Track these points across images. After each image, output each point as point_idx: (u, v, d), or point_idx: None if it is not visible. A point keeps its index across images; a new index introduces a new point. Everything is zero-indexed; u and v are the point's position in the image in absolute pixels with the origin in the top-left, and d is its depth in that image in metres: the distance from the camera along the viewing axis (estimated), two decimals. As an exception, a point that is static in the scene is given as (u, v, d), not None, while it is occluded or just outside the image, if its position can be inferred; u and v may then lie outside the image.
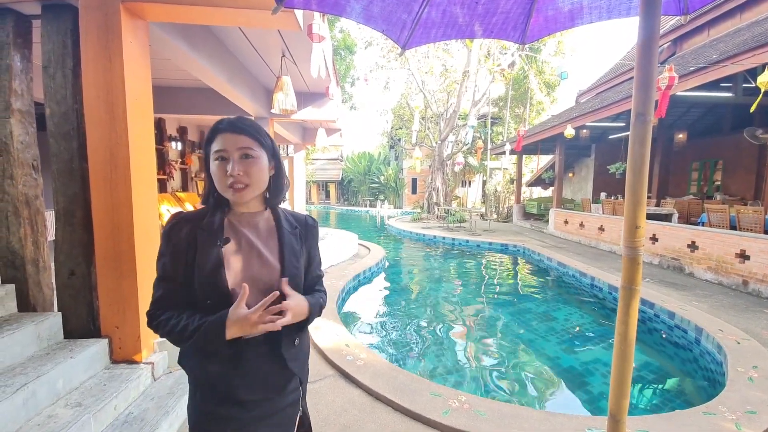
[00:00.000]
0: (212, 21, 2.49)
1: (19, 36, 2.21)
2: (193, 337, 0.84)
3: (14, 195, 2.16)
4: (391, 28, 1.42)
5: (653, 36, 0.81)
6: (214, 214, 0.93)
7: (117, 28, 2.06)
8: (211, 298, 0.88)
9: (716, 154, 10.05)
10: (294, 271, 0.96)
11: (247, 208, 0.96)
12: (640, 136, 0.81)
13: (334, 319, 3.67)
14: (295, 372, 0.96)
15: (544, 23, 1.43)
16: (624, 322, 0.85)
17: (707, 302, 4.57)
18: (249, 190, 0.91)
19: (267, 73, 4.78)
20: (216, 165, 0.89)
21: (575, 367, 3.38)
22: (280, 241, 0.97)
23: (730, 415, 2.24)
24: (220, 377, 0.89)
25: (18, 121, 2.17)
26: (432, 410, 2.16)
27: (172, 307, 0.90)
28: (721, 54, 5.90)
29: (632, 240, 0.83)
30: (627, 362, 0.87)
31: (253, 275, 0.92)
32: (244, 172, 0.88)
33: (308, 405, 2.24)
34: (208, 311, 0.87)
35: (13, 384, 1.71)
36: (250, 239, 0.94)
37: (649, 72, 0.80)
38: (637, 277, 0.84)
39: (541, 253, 7.94)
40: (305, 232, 1.05)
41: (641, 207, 0.82)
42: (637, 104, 0.81)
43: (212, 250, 0.89)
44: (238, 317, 0.83)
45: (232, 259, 0.91)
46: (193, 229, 0.90)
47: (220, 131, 0.90)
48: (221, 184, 0.89)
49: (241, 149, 0.89)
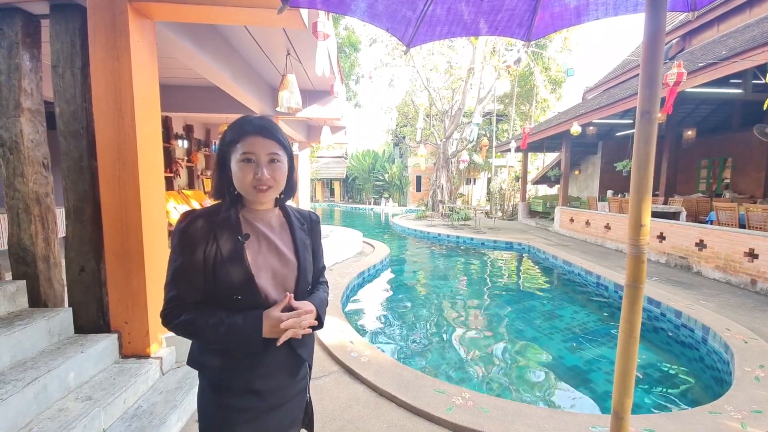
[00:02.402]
0: (218, 20, 2.50)
1: (28, 35, 2.24)
2: (227, 336, 0.86)
3: (25, 193, 2.20)
4: (396, 26, 1.42)
5: (659, 32, 0.80)
6: (229, 210, 0.95)
7: (125, 28, 2.08)
8: (238, 293, 0.89)
9: (725, 151, 9.91)
10: (307, 266, 1.01)
11: (263, 205, 0.99)
12: (645, 134, 0.81)
13: (338, 316, 3.69)
14: (305, 358, 1.00)
15: (550, 20, 1.42)
16: (628, 320, 0.85)
17: (715, 301, 4.53)
18: (272, 191, 0.95)
19: (272, 71, 4.80)
20: (242, 166, 0.91)
21: (579, 366, 3.37)
22: (293, 237, 1.01)
23: (735, 414, 2.23)
24: (239, 370, 0.91)
25: (28, 119, 2.21)
26: (436, 407, 2.18)
27: (191, 306, 0.90)
28: (731, 50, 5.81)
29: (637, 238, 0.83)
30: (631, 360, 0.87)
31: (273, 270, 0.95)
32: (270, 176, 0.92)
33: (313, 400, 2.28)
34: (233, 307, 0.89)
35: (25, 378, 1.75)
36: (266, 235, 0.97)
37: (654, 69, 0.79)
38: (642, 275, 0.84)
39: (547, 252, 7.90)
40: (310, 228, 1.10)
41: (646, 205, 0.82)
42: (642, 101, 0.81)
43: (234, 245, 0.91)
44: (275, 320, 0.87)
45: (253, 255, 0.93)
46: (209, 226, 0.91)
47: (248, 134, 0.91)
48: (245, 183, 0.91)
49: (271, 155, 0.92)
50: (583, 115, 9.13)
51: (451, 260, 8.22)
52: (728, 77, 5.82)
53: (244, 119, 0.94)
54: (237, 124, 0.94)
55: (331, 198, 31.36)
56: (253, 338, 0.87)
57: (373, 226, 15.22)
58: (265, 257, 0.95)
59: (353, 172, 27.97)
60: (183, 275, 0.90)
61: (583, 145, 13.25)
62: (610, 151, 12.72)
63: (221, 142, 0.96)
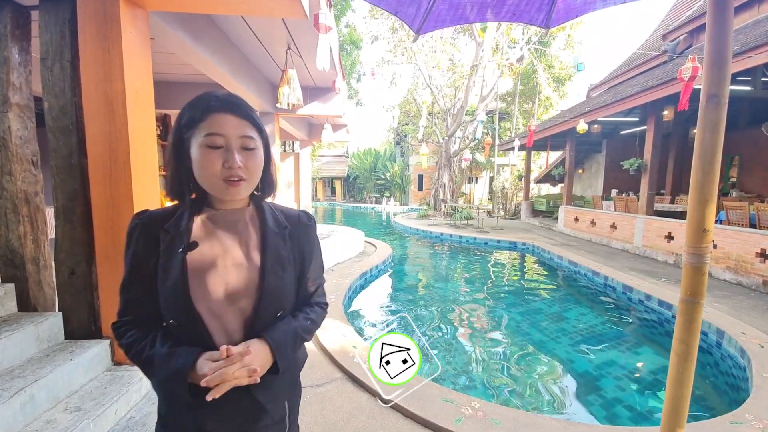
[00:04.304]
0: (214, 9, 2.39)
1: (17, 27, 2.13)
2: (156, 375, 0.72)
3: (13, 192, 2.09)
4: (405, 9, 1.30)
5: (727, 3, 0.69)
6: (183, 212, 0.77)
7: (116, 18, 1.97)
8: (175, 318, 0.72)
9: (732, 149, 9.75)
10: (276, 283, 0.78)
11: (231, 204, 0.80)
12: (712, 122, 0.69)
13: (340, 319, 3.58)
14: (265, 406, 0.78)
15: (572, 3, 1.31)
16: (683, 340, 0.72)
17: (727, 303, 4.40)
18: (246, 186, 0.76)
19: (272, 66, 4.68)
20: (205, 152, 0.71)
21: (589, 372, 3.25)
22: (262, 246, 0.79)
23: (757, 423, 2.13)
24: (186, 408, 0.75)
25: (16, 115, 2.10)
26: (444, 417, 2.06)
27: (138, 322, 0.76)
28: (743, 45, 5.66)
29: (698, 246, 0.71)
30: (686, 386, 0.74)
31: (228, 290, 0.74)
32: (244, 165, 0.73)
33: (315, 410, 2.17)
34: (175, 333, 0.73)
35: (11, 387, 1.65)
36: (225, 243, 0.77)
37: (723, 46, 0.67)
38: (702, 288, 0.72)
39: (551, 252, 7.78)
40: (298, 233, 0.86)
41: (711, 206, 0.70)
42: (708, 84, 0.69)
43: (175, 256, 0.73)
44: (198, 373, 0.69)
45: (201, 269, 0.74)
46: (156, 231, 0.75)
47: (215, 110, 0.72)
48: (210, 175, 0.72)
49: (244, 139, 0.74)
50: (589, 112, 8.99)
51: (454, 260, 8.11)
52: (736, 74, 5.67)
53: (208, 93, 0.75)
54: (199, 99, 0.74)
55: (333, 197, 31.26)
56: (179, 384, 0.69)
57: (375, 225, 15.11)
58: (219, 273, 0.74)
59: (354, 170, 27.86)
60: (130, 286, 0.76)
61: (587, 143, 13.10)
62: (615, 149, 12.57)
63: (177, 124, 0.75)
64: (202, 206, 0.79)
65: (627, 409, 2.71)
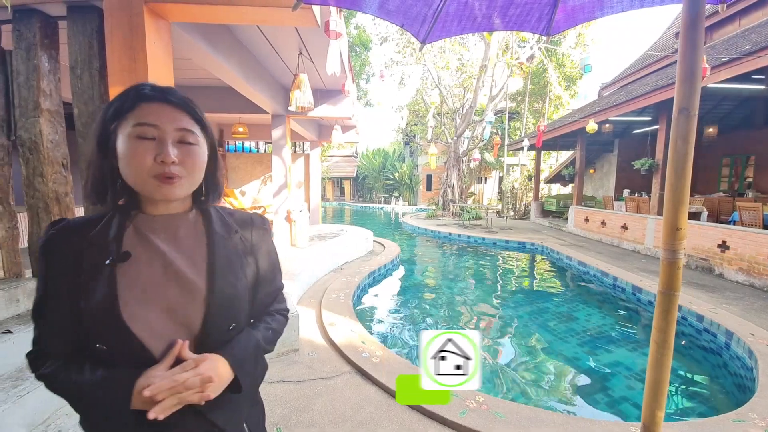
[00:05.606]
0: (232, 20, 2.51)
1: (46, 37, 2.28)
2: (86, 404, 0.62)
3: (45, 192, 2.24)
4: (410, 22, 1.39)
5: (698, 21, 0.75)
6: (111, 219, 0.66)
7: (141, 29, 2.09)
8: (104, 342, 0.61)
9: (748, 149, 9.56)
10: (229, 292, 0.70)
11: (167, 208, 0.69)
12: (683, 132, 0.76)
13: (349, 316, 3.68)
14: (220, 427, 0.68)
15: (571, 12, 1.37)
16: (661, 329, 0.80)
17: (738, 305, 4.37)
18: (183, 184, 0.66)
19: (284, 71, 4.81)
20: (134, 144, 0.62)
21: (597, 369, 3.29)
22: (209, 252, 0.70)
23: (759, 422, 2.15)
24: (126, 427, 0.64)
25: (47, 120, 2.25)
26: (449, 410, 2.14)
27: (59, 351, 0.64)
28: (754, 45, 5.59)
29: (672, 242, 0.78)
30: (663, 371, 0.82)
31: (170, 305, 0.65)
32: (181, 161, 0.64)
33: (325, 401, 2.27)
34: (106, 360, 0.62)
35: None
36: (163, 253, 0.67)
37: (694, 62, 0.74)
38: (677, 282, 0.79)
39: (561, 252, 7.76)
40: (250, 236, 0.78)
41: (683, 207, 0.77)
42: (680, 98, 0.76)
43: (103, 271, 0.62)
44: (140, 387, 0.59)
45: (134, 284, 0.63)
46: (78, 242, 0.64)
47: (146, 98, 0.64)
48: (140, 171, 0.62)
49: (181, 130, 0.65)
50: (600, 112, 8.92)
51: (462, 260, 8.14)
52: (750, 73, 5.60)
53: (141, 83, 0.66)
54: (130, 88, 0.65)
55: (342, 197, 31.46)
56: (117, 411, 0.59)
57: (384, 225, 15.20)
58: (158, 287, 0.65)
59: (363, 171, 28.01)
60: (47, 310, 0.64)
61: (598, 143, 12.96)
62: (627, 149, 12.41)
63: (102, 116, 0.65)
64: (133, 211, 0.69)
65: (635, 407, 2.74)
